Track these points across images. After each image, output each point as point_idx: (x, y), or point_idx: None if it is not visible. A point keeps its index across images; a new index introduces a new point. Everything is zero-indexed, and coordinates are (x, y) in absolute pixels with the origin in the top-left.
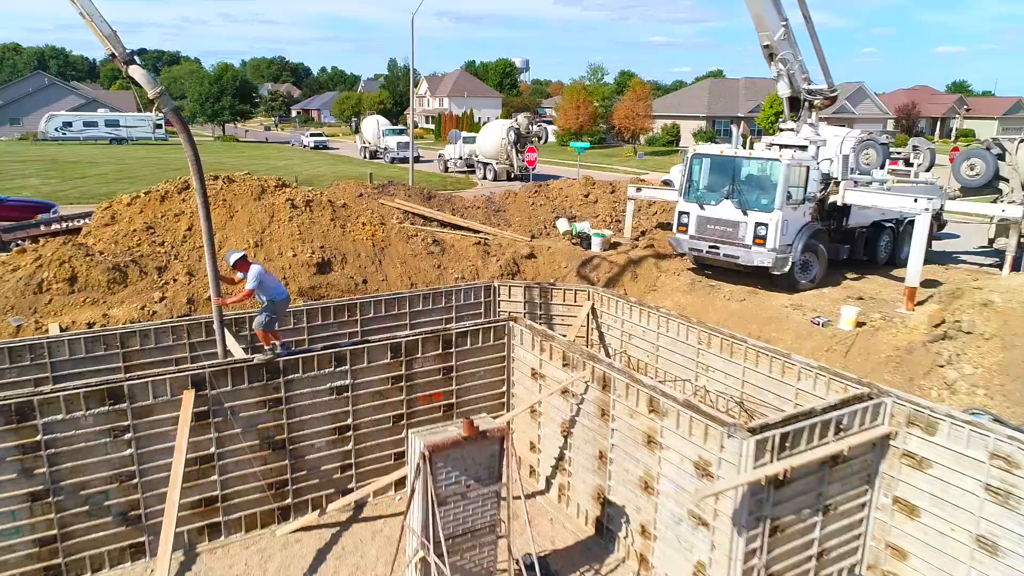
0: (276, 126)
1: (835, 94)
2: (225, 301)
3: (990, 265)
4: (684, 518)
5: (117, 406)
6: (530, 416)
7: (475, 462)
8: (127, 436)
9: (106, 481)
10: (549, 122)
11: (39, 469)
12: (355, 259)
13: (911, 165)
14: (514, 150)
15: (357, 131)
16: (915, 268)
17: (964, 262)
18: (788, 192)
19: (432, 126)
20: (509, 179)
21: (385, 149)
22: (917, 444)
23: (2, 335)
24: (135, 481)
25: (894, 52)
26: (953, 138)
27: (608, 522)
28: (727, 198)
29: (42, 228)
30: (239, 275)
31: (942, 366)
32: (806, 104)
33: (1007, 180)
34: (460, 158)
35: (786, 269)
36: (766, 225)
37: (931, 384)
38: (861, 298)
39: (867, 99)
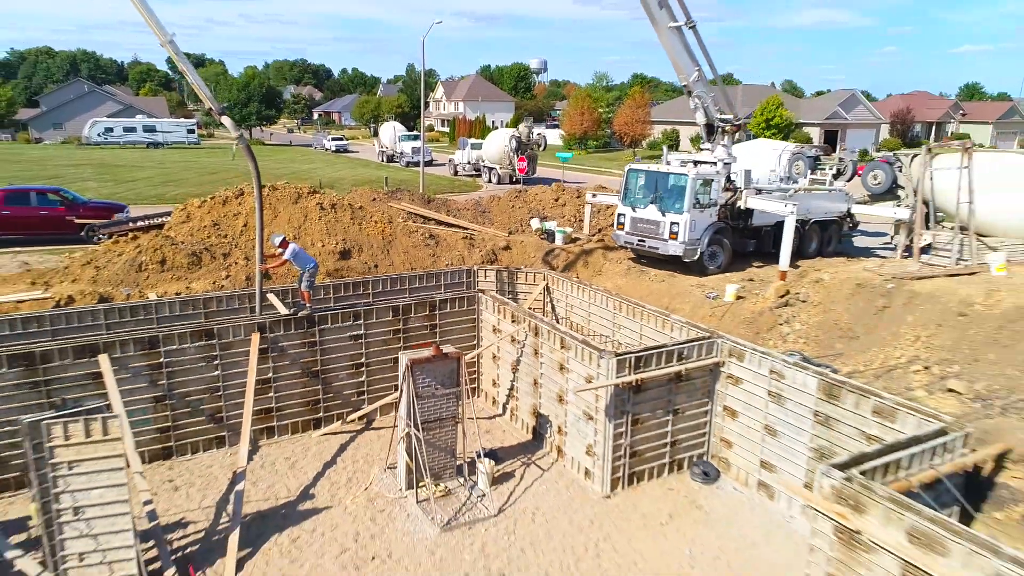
0: (299, 128)
1: (739, 123)
2: (266, 267)
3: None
4: (580, 416)
5: (209, 341)
6: (492, 361)
7: (441, 373)
8: (216, 362)
9: (201, 392)
10: (556, 126)
11: (160, 381)
12: (369, 249)
13: (840, 174)
14: (516, 156)
15: (375, 135)
16: (785, 255)
17: (877, 256)
18: (696, 199)
19: (447, 129)
20: (511, 182)
21: (401, 154)
22: (735, 368)
23: (116, 300)
24: (220, 393)
25: (915, 51)
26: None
27: (539, 428)
28: (652, 203)
29: (129, 225)
30: (279, 250)
31: (781, 324)
32: (719, 130)
33: (903, 187)
34: (468, 163)
35: (695, 258)
36: (678, 224)
37: (770, 336)
38: (752, 280)
39: (859, 105)
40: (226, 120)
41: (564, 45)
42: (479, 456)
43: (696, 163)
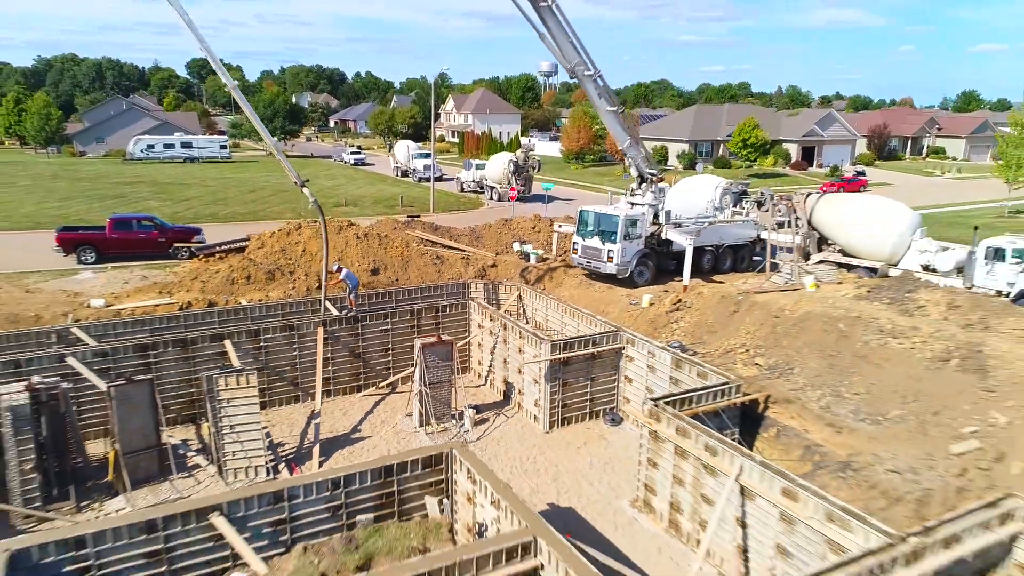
0: (316, 135)
1: (662, 175)
2: (329, 283)
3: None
4: (531, 382)
5: (291, 332)
6: (478, 348)
7: (441, 353)
8: (295, 344)
9: (285, 366)
10: (557, 137)
11: (260, 358)
12: (392, 267)
13: (761, 205)
14: (514, 177)
15: (391, 150)
16: (687, 273)
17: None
18: (627, 232)
19: (457, 140)
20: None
21: (413, 170)
22: (631, 351)
23: (219, 304)
24: (296, 366)
25: (931, 50)
26: (924, 155)
27: (507, 391)
28: (596, 235)
29: (217, 248)
30: (337, 273)
31: (672, 323)
32: (649, 179)
33: (799, 218)
34: (473, 181)
35: (627, 275)
36: (613, 251)
37: (664, 331)
38: (667, 291)
39: (836, 123)
40: (306, 191)
41: None
42: (466, 408)
43: (632, 204)
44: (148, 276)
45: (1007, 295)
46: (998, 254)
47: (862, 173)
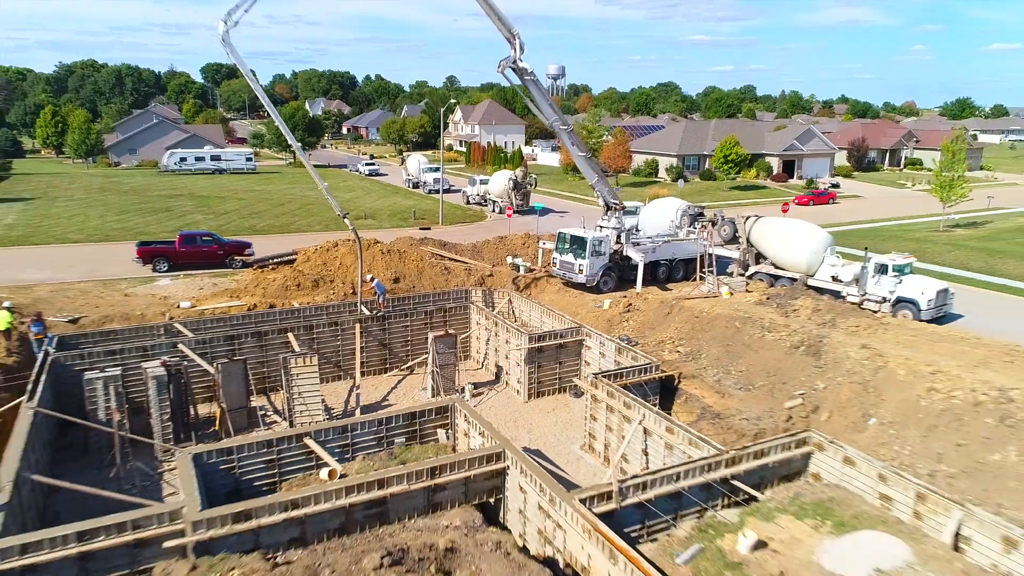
0: (329, 142)
1: (623, 205)
2: (363, 290)
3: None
4: (515, 364)
5: (335, 327)
6: (475, 340)
7: (447, 341)
8: (338, 336)
9: (331, 352)
10: (559, 147)
11: (314, 346)
12: (409, 277)
13: (715, 224)
14: (513, 193)
15: (403, 163)
16: (639, 283)
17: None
18: (595, 249)
19: (464, 149)
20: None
21: (424, 183)
22: (588, 342)
23: (277, 307)
24: (339, 351)
25: (944, 50)
26: (901, 167)
27: (498, 372)
28: (570, 251)
29: (271, 261)
30: (370, 282)
31: (623, 321)
32: (614, 207)
33: (740, 236)
34: (477, 195)
35: (594, 284)
36: (583, 264)
37: (617, 328)
38: (625, 297)
39: (815, 138)
40: (347, 221)
41: (586, 44)
42: (467, 384)
43: (600, 227)
44: (217, 283)
45: (888, 300)
46: (882, 268)
47: (836, 186)
